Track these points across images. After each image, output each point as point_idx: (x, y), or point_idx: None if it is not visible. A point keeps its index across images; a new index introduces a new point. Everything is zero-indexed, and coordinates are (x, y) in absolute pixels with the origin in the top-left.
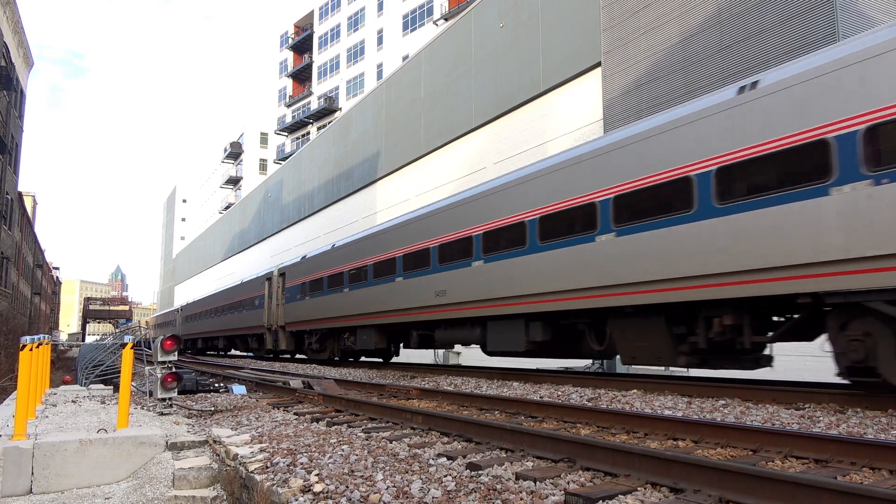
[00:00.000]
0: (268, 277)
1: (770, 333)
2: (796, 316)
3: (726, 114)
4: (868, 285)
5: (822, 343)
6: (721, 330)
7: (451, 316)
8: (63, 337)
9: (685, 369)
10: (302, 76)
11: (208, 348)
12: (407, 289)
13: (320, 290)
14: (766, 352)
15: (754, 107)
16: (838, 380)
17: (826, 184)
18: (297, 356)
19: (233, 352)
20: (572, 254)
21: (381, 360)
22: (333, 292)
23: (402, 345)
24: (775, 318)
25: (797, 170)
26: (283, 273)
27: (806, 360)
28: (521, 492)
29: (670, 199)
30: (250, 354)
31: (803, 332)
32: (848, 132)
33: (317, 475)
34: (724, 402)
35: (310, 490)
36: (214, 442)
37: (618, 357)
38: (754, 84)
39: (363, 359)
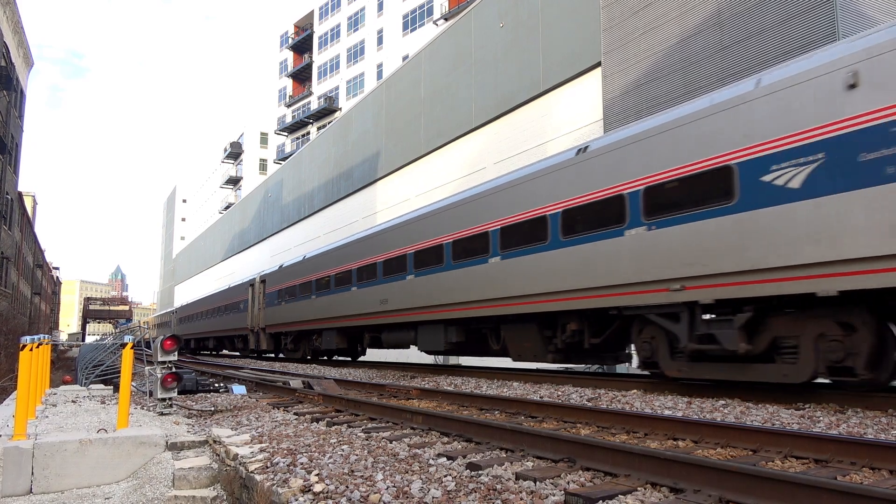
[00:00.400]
0: (251, 283)
1: (598, 338)
2: (616, 323)
3: (567, 170)
4: (647, 302)
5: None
6: (571, 333)
7: (392, 321)
8: (63, 337)
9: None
10: (302, 76)
11: (201, 348)
12: (360, 297)
13: (294, 296)
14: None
15: (583, 166)
16: (838, 380)
17: (622, 227)
18: (281, 356)
19: (224, 352)
20: (474, 272)
21: (349, 358)
22: (304, 298)
23: (358, 346)
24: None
25: (607, 215)
26: (263, 280)
27: None
28: (521, 492)
29: (535, 232)
30: (237, 354)
31: (622, 336)
32: (634, 191)
33: (317, 475)
34: (724, 402)
35: (310, 490)
36: (214, 442)
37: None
38: (585, 149)
39: (336, 357)
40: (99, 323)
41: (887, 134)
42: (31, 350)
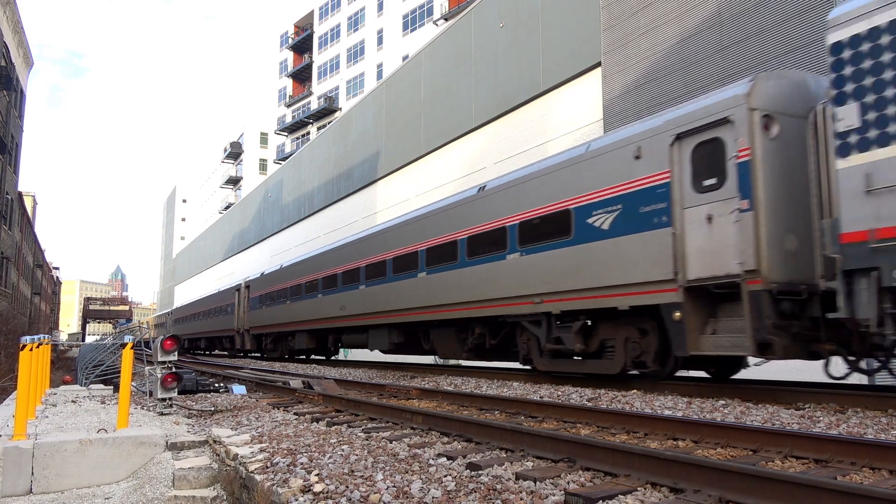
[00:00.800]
0: (237, 288)
1: (495, 339)
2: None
3: (472, 204)
4: (521, 312)
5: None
6: (477, 336)
7: (349, 325)
8: (63, 337)
9: (685, 370)
10: (302, 76)
11: (194, 348)
12: (324, 303)
13: (273, 301)
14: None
15: (482, 202)
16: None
17: (505, 252)
18: (263, 355)
19: (216, 351)
20: (407, 284)
21: (323, 357)
22: (281, 303)
23: (329, 346)
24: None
25: (496, 242)
26: (248, 285)
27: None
28: (521, 492)
29: (451, 252)
30: (225, 353)
31: (511, 338)
32: (513, 224)
33: (317, 475)
34: (724, 402)
35: (310, 490)
36: (214, 442)
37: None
38: (483, 187)
39: (313, 357)
40: (99, 323)
41: (654, 194)
42: (31, 350)
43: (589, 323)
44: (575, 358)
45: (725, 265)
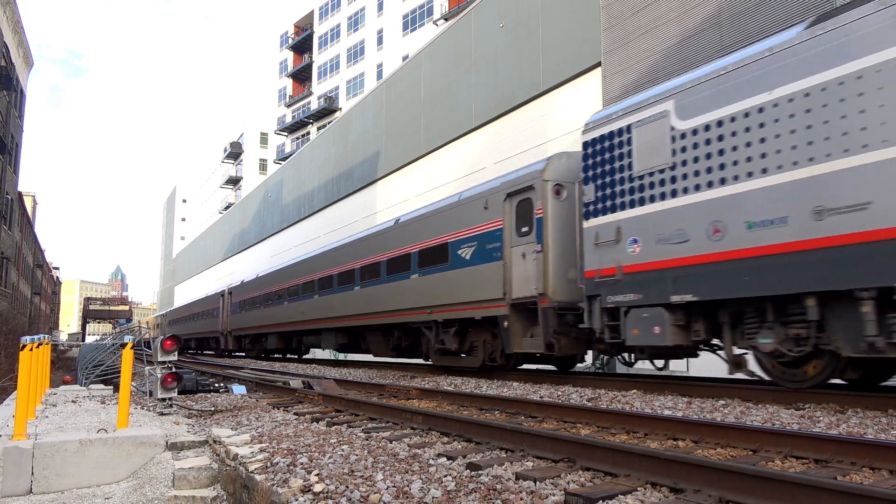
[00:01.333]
0: (222, 294)
1: (408, 341)
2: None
3: (390, 232)
4: (420, 320)
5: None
6: (397, 338)
7: (307, 328)
8: (63, 337)
9: (685, 370)
10: (302, 76)
11: (185, 348)
12: (289, 309)
13: (250, 306)
14: (425, 350)
15: (396, 231)
16: (838, 380)
17: (410, 273)
18: (241, 354)
19: (205, 351)
20: (348, 295)
21: (296, 356)
22: (256, 308)
23: (298, 346)
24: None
25: (405, 264)
26: (230, 292)
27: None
28: (521, 492)
29: (377, 271)
30: (212, 352)
31: (419, 341)
32: (415, 251)
33: (317, 475)
34: (724, 402)
35: (310, 490)
36: (214, 442)
37: (617, 358)
38: (398, 220)
39: (288, 355)
40: (99, 323)
41: (494, 235)
42: (31, 350)
43: (461, 329)
44: (459, 356)
45: (530, 289)
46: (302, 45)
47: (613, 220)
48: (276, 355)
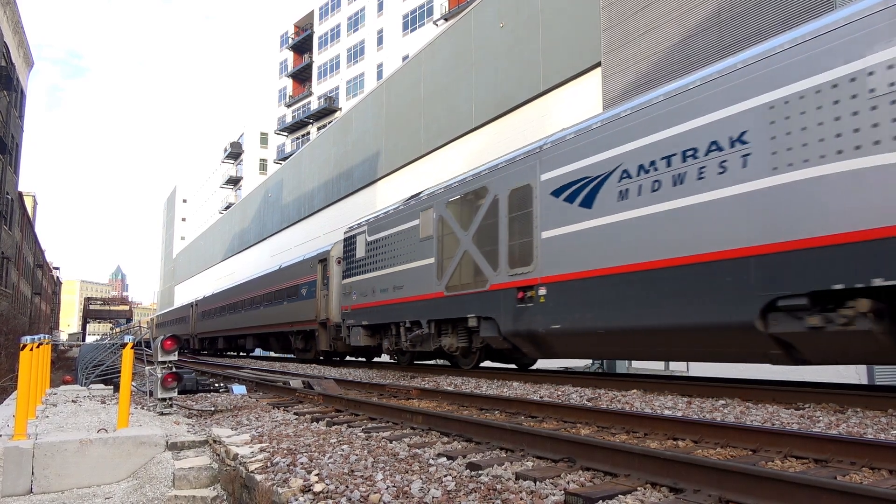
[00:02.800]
0: (192, 304)
1: (284, 343)
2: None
3: (277, 272)
4: (289, 330)
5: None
6: (282, 340)
7: (239, 333)
8: (63, 337)
9: (686, 370)
10: (302, 76)
11: None
12: (228, 319)
13: (208, 316)
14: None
15: (279, 272)
16: (838, 380)
17: (283, 301)
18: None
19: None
20: (256, 311)
21: (244, 354)
22: (211, 318)
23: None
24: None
25: (281, 295)
26: (197, 303)
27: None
28: (521, 492)
29: (270, 297)
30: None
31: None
32: (286, 287)
33: (317, 475)
34: (723, 402)
35: (310, 490)
36: (214, 442)
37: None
38: (280, 266)
39: (241, 354)
40: (99, 323)
41: (314, 283)
42: (31, 350)
43: (305, 335)
44: (306, 351)
45: (325, 315)
46: (302, 45)
47: (348, 281)
48: (229, 353)
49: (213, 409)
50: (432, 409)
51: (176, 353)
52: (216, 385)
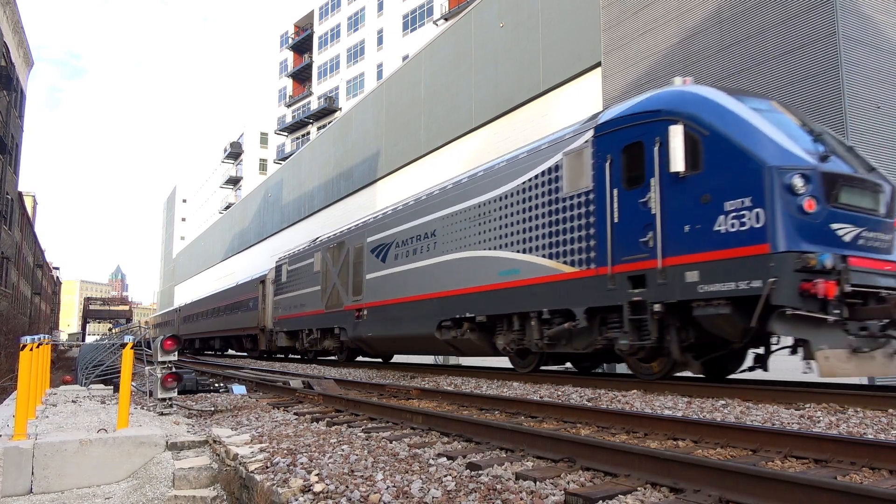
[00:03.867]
0: (177, 310)
1: (237, 344)
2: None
3: (237, 287)
4: (239, 334)
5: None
6: (237, 341)
7: (210, 336)
8: (63, 337)
9: (685, 370)
10: (302, 76)
11: None
12: (201, 324)
13: (188, 320)
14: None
15: (238, 287)
16: (838, 380)
17: (238, 310)
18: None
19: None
20: (219, 318)
21: (220, 352)
22: (191, 322)
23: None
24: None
25: (236, 306)
26: (181, 309)
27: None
28: (521, 492)
29: (231, 307)
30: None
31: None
32: (240, 300)
33: (317, 475)
34: (724, 402)
35: (310, 490)
36: (214, 442)
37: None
38: (238, 282)
39: (218, 352)
40: (99, 323)
41: (256, 299)
42: (31, 350)
43: (251, 338)
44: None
45: (263, 323)
46: (302, 45)
47: (277, 298)
48: (207, 352)
49: (212, 409)
50: (432, 409)
51: (176, 353)
52: (216, 385)
